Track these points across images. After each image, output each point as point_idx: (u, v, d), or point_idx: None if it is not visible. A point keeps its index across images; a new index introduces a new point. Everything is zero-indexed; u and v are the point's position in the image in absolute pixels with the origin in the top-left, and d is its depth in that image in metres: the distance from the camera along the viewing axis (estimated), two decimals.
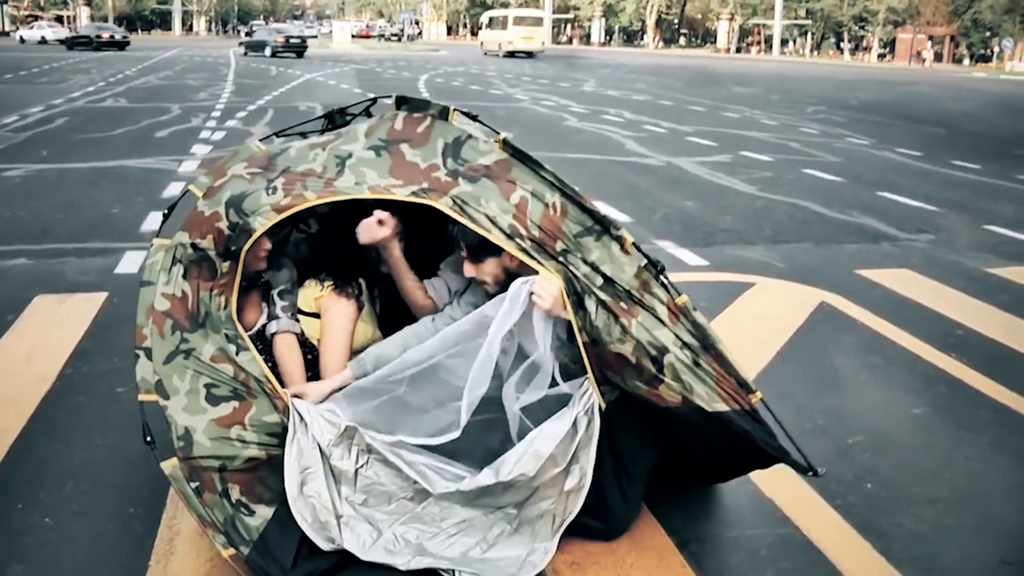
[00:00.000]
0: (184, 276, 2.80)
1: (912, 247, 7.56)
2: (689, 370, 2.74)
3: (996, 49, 63.52)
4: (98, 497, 3.23)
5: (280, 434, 2.77)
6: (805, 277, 6.40)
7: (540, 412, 2.78)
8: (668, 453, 3.06)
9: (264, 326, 3.19)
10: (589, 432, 2.79)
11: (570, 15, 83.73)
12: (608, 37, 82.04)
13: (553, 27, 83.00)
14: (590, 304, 2.74)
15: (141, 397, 2.69)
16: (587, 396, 2.81)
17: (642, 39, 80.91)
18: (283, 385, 2.96)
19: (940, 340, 5.13)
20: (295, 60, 37.53)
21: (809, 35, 73.07)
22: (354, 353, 3.20)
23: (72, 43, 45.87)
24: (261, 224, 2.79)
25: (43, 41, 54.81)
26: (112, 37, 45.83)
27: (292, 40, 41.18)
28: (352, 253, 3.32)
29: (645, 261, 2.80)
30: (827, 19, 71.64)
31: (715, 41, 76.41)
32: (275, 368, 3.10)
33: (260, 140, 3.24)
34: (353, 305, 3.21)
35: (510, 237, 2.75)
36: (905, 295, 6.06)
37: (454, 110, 2.98)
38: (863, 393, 4.45)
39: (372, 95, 3.62)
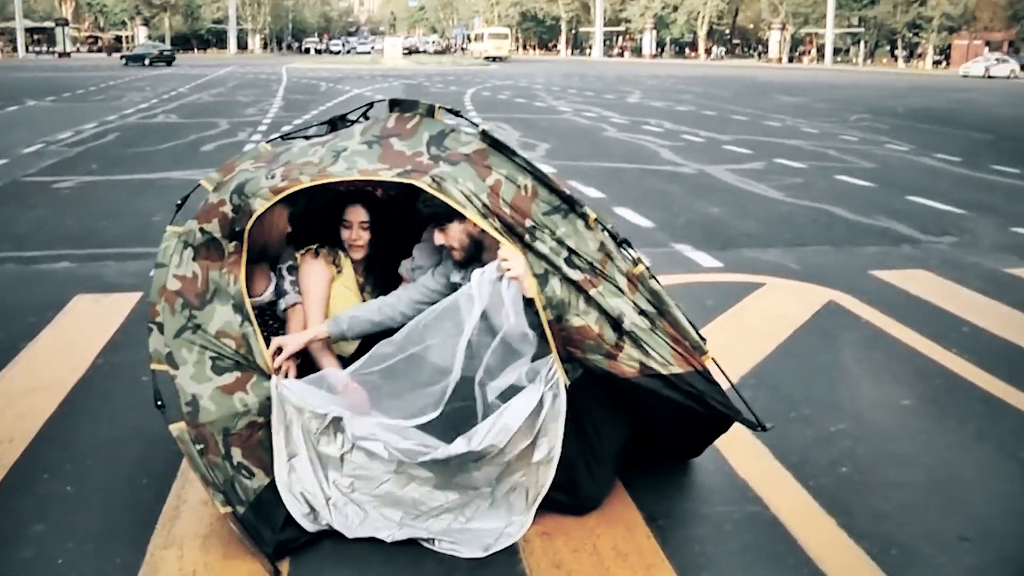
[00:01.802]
0: (194, 258, 3.10)
1: (933, 249, 7.60)
2: (646, 335, 2.97)
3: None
4: (116, 470, 3.52)
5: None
6: (817, 278, 6.50)
7: (508, 389, 2.98)
8: (634, 431, 3.24)
9: (274, 299, 3.48)
10: (556, 407, 2.98)
11: (621, 27, 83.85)
12: (660, 49, 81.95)
13: (604, 40, 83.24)
14: (553, 280, 2.97)
15: (153, 366, 2.98)
16: (552, 373, 3.00)
17: (694, 50, 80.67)
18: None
19: (944, 337, 5.20)
20: (346, 76, 38.19)
21: (862, 43, 72.07)
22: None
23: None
24: (260, 204, 3.08)
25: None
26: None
27: (165, 53, 54.72)
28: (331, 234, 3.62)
29: (607, 236, 3.07)
30: (880, 27, 70.59)
31: (767, 51, 75.86)
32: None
33: (267, 141, 3.52)
34: (323, 264, 3.51)
35: (484, 215, 3.00)
36: (916, 294, 6.13)
37: (439, 108, 3.27)
38: (855, 385, 4.56)
39: (374, 99, 3.88)
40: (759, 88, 34.00)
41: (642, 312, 2.99)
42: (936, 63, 67.10)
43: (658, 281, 3.08)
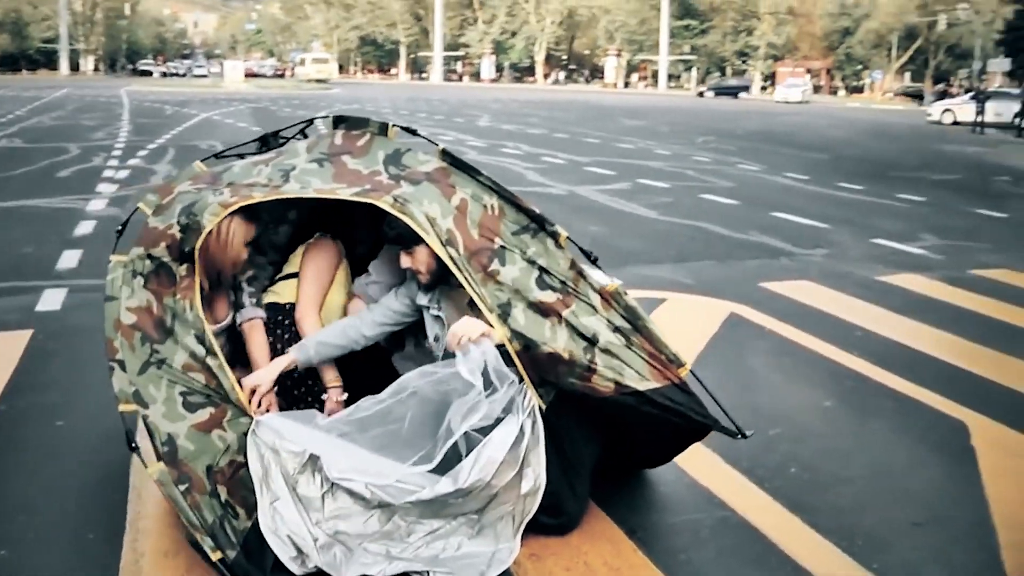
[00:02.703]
0: (145, 286, 2.92)
1: (808, 261, 8.06)
2: (621, 352, 2.98)
3: (868, 80, 67.15)
4: (54, 526, 3.23)
5: None
6: (713, 291, 6.77)
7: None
8: (606, 444, 3.27)
9: (234, 319, 3.33)
10: (535, 434, 2.96)
11: (460, 52, 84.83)
12: (499, 73, 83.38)
13: (444, 64, 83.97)
14: (516, 311, 2.95)
15: (121, 408, 2.79)
16: (527, 400, 2.98)
17: (532, 75, 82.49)
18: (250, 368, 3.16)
19: (842, 341, 5.53)
20: (190, 100, 36.77)
21: (694, 69, 75.80)
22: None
23: None
24: (209, 220, 2.96)
25: None
26: None
27: None
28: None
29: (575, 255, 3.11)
30: (711, 54, 74.52)
31: (603, 76, 78.47)
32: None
33: (202, 161, 3.38)
34: (335, 250, 3.46)
35: (444, 244, 2.96)
36: (807, 303, 6.48)
37: (393, 126, 3.24)
38: (778, 391, 4.78)
39: (307, 118, 3.80)
40: (602, 112, 35.11)
41: (616, 329, 3.01)
42: (762, 88, 71.26)
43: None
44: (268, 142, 3.65)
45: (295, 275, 3.47)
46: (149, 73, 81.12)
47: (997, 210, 11.72)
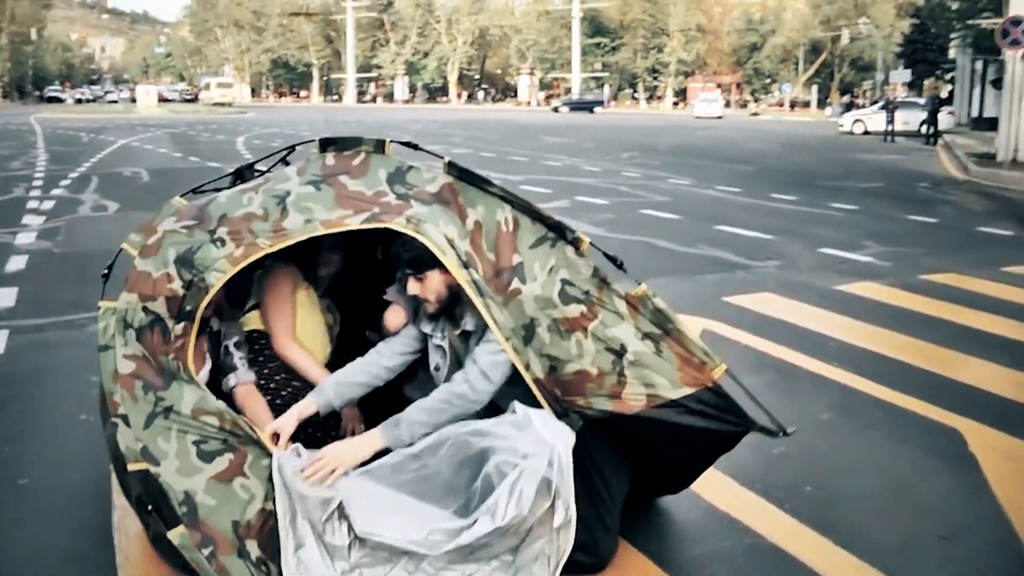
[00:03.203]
0: (138, 339, 2.69)
1: (764, 273, 8.11)
2: (650, 360, 2.86)
3: (777, 93, 69.13)
4: None
5: None
6: (680, 308, 6.64)
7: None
8: (634, 473, 3.14)
9: (220, 378, 3.12)
10: (564, 464, 2.82)
11: (373, 73, 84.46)
12: (412, 94, 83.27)
13: (357, 85, 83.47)
14: (542, 332, 2.83)
15: (131, 467, 2.54)
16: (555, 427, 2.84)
17: (445, 95, 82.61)
18: None
19: (819, 352, 5.54)
20: (104, 126, 35.55)
21: (607, 86, 76.93)
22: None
23: None
24: (217, 278, 2.76)
25: None
26: None
27: None
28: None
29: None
30: (623, 71, 75.75)
31: (516, 95, 78.99)
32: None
33: (181, 196, 3.16)
34: (288, 276, 3.30)
35: (464, 266, 2.83)
36: (774, 316, 6.49)
37: (390, 142, 3.08)
38: (771, 407, 4.68)
39: (287, 145, 3.62)
40: (522, 130, 35.19)
41: (645, 336, 2.90)
42: (675, 104, 72.74)
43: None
44: (243, 176, 3.47)
45: (257, 305, 3.37)
46: (60, 100, 78.20)
47: (927, 215, 12.06)
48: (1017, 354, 5.57)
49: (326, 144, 3.20)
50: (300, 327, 3.32)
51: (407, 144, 3.21)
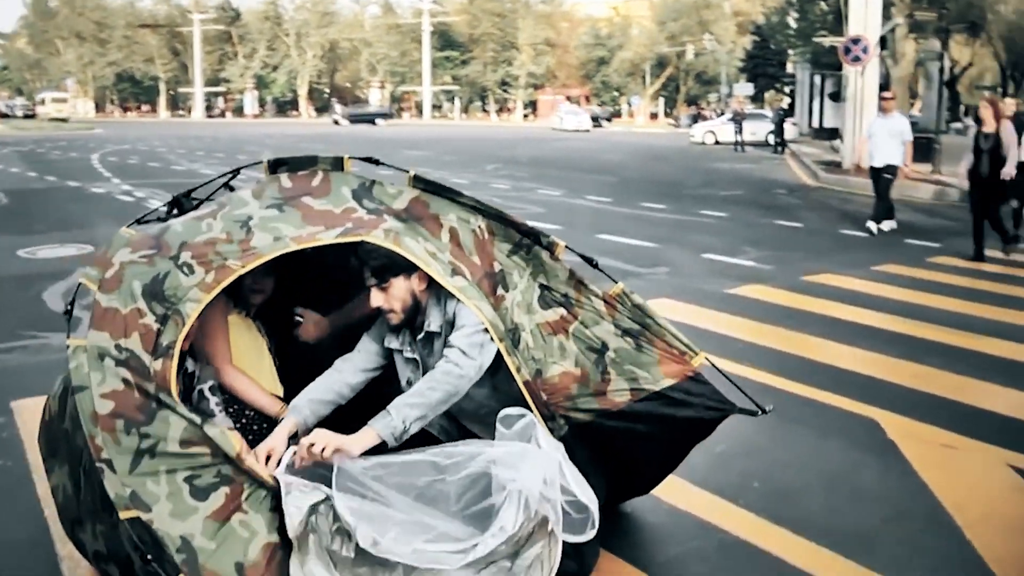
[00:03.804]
0: (118, 365, 2.54)
1: (656, 279, 8.39)
2: (631, 356, 2.97)
3: (626, 106, 71.35)
4: None
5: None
6: None
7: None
8: (611, 477, 3.21)
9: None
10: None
11: (222, 87, 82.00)
12: (262, 108, 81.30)
13: (205, 99, 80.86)
14: (526, 337, 2.91)
15: (123, 515, 2.38)
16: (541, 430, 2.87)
17: (296, 109, 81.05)
18: None
19: (731, 354, 5.77)
20: None
21: (457, 99, 77.42)
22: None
23: None
24: (192, 308, 2.64)
25: None
26: None
27: None
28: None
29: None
30: (473, 84, 76.40)
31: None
32: None
33: (127, 226, 3.00)
34: (219, 301, 3.04)
35: (452, 273, 2.87)
36: (678, 320, 6.70)
37: (348, 158, 3.05)
38: None
39: (228, 170, 3.52)
40: (381, 143, 34.85)
41: (625, 332, 3.01)
42: (525, 116, 73.94)
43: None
44: (181, 204, 3.33)
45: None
46: None
47: (792, 220, 12.76)
48: (908, 347, 6.00)
49: (276, 165, 3.12)
50: (239, 353, 3.16)
51: (367, 160, 3.17)
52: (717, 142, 35.34)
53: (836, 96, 25.30)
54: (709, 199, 15.51)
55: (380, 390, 3.28)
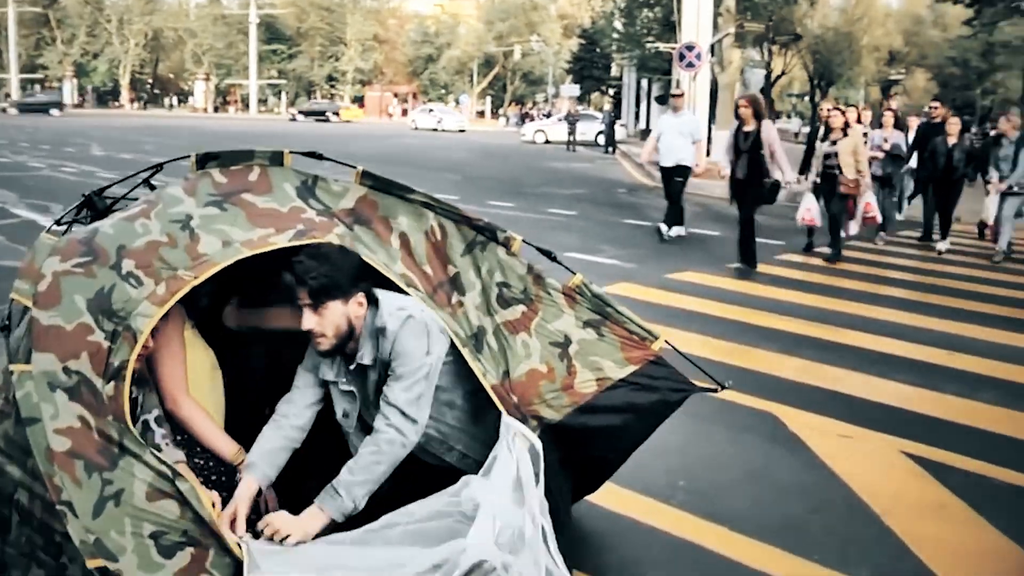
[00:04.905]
0: (71, 400, 2.25)
1: None
2: (594, 347, 2.97)
3: (453, 103, 71.53)
4: None
5: None
6: None
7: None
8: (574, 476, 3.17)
9: None
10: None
11: (39, 74, 76.08)
12: (82, 98, 76.05)
13: (21, 87, 74.74)
14: (489, 339, 2.86)
15: (90, 564, 2.11)
16: (513, 436, 2.76)
17: (117, 99, 76.35)
18: None
19: None
20: None
21: (283, 94, 75.30)
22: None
23: None
24: (145, 323, 2.39)
25: None
26: None
27: None
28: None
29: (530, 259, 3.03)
30: (300, 78, 74.52)
31: (184, 101, 75.02)
32: None
33: (47, 231, 2.68)
34: (177, 310, 2.78)
35: (407, 285, 2.78)
36: None
37: (288, 153, 2.88)
38: None
39: (150, 166, 3.21)
40: (212, 137, 33.35)
41: (586, 324, 3.00)
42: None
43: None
44: (93, 203, 3.02)
45: None
46: None
47: (640, 219, 13.15)
48: (783, 341, 6.30)
49: (206, 160, 2.88)
50: (195, 376, 2.85)
51: (309, 154, 2.97)
52: (547, 141, 36.04)
53: (662, 99, 26.40)
54: (554, 197, 15.75)
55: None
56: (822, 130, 10.28)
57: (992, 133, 13.25)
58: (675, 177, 11.14)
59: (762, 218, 9.79)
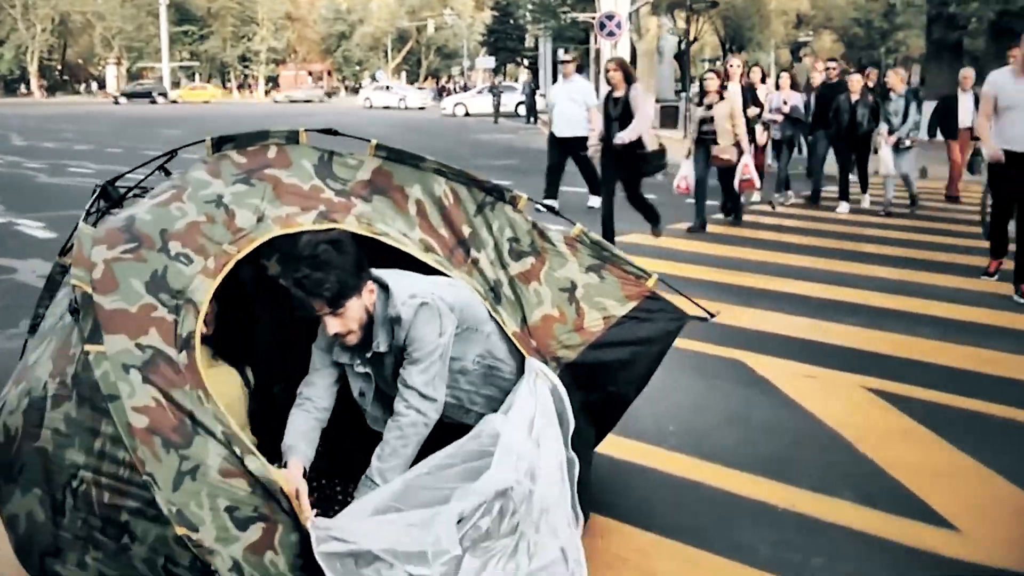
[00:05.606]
0: (145, 381, 2.37)
1: None
2: (598, 290, 3.25)
3: (369, 80, 70.78)
4: None
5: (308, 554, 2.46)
6: None
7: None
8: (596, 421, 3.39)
9: None
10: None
11: None
12: None
13: None
14: (506, 290, 3.11)
15: (178, 531, 2.24)
16: (535, 381, 2.93)
17: (26, 87, 73.19)
18: None
19: None
20: None
21: (197, 76, 73.44)
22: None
23: None
24: (203, 295, 2.56)
25: None
26: None
27: None
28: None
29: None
30: (213, 60, 72.76)
31: (104, 87, 72.53)
32: None
33: (82, 220, 2.77)
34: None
35: (426, 251, 2.98)
36: None
37: (304, 130, 3.03)
38: None
39: (165, 152, 3.30)
40: (136, 123, 32.41)
41: (589, 268, 3.27)
42: (267, 92, 71.47)
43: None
44: (108, 192, 3.11)
45: None
46: None
47: (571, 186, 13.34)
48: (736, 294, 6.66)
49: (220, 143, 2.99)
50: (226, 401, 2.79)
51: (325, 131, 3.11)
52: (467, 114, 36.11)
53: (580, 69, 26.57)
54: (489, 169, 15.89)
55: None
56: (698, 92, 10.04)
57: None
58: (578, 151, 10.83)
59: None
